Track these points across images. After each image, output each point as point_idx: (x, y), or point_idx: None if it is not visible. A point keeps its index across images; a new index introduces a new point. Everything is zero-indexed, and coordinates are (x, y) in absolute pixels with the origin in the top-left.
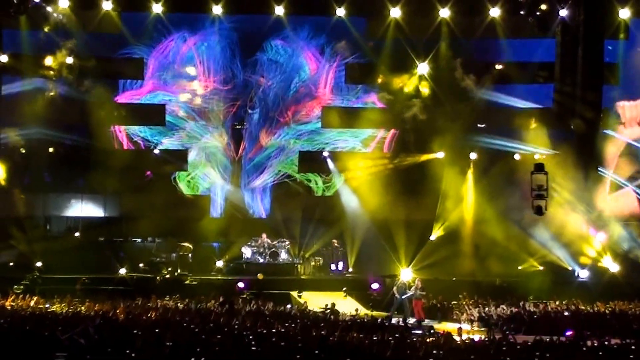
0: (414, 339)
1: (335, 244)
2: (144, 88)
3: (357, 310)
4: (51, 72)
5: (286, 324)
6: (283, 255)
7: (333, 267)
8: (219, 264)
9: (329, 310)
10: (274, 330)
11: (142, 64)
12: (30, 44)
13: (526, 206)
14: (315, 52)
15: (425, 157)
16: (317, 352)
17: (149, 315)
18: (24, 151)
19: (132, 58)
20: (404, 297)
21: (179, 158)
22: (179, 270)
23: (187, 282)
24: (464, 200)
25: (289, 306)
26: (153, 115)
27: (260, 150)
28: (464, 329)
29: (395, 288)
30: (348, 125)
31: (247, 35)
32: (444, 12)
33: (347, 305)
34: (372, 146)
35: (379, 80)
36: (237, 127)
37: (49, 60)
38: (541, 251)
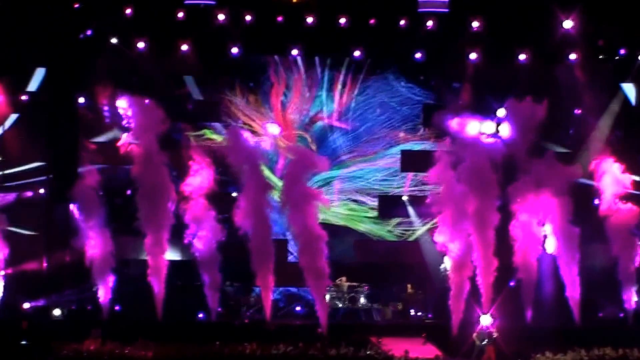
0: None
1: (409, 290)
2: None
3: (436, 357)
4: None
5: None
6: (362, 300)
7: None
8: None
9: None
10: None
11: (218, 106)
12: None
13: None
14: None
15: None
16: None
17: None
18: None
19: (208, 101)
20: (483, 343)
21: None
22: None
23: None
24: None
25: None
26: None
27: None
28: None
29: (475, 334)
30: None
31: None
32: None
33: (427, 351)
34: None
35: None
36: None
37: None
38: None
